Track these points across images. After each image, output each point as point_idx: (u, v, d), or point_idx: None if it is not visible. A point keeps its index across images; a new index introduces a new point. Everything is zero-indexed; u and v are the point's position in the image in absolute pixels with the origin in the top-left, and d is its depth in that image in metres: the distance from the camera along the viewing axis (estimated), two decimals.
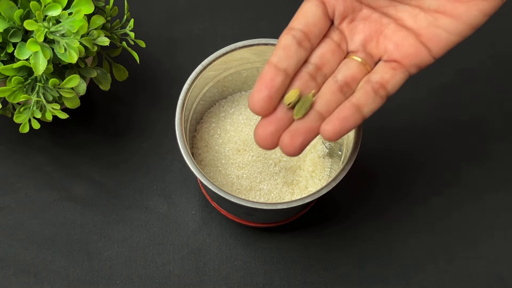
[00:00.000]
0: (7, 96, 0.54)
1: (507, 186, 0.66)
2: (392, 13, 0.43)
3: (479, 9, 0.42)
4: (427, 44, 0.43)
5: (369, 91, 0.43)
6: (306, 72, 0.43)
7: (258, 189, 0.60)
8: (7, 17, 0.54)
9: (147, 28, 0.71)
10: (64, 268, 0.61)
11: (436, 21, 0.42)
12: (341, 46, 0.44)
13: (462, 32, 0.43)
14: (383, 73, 0.43)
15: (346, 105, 0.42)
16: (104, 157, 0.66)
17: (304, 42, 0.42)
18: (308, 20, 0.42)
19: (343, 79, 0.43)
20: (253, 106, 0.41)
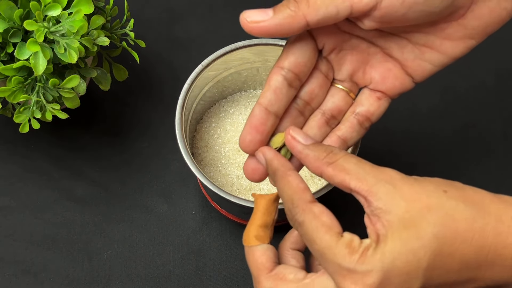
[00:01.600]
0: (7, 96, 0.54)
1: (506, 186, 0.66)
2: (380, 43, 0.44)
3: (466, 46, 0.43)
4: (411, 74, 0.45)
5: (354, 124, 0.46)
6: (295, 109, 0.44)
7: (258, 189, 0.59)
8: (7, 17, 0.54)
9: (147, 28, 0.71)
10: (64, 268, 0.61)
11: (423, 55, 0.43)
12: (328, 76, 0.45)
13: (446, 64, 0.44)
14: (369, 106, 0.45)
15: (333, 138, 0.45)
16: (104, 157, 0.66)
17: (294, 82, 0.43)
18: (298, 60, 0.42)
19: (330, 112, 0.45)
20: (244, 148, 0.43)
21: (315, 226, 0.40)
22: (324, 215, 0.40)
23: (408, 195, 0.38)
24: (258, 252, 0.43)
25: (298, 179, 0.41)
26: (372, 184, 0.39)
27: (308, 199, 0.40)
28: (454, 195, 0.39)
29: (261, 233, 0.44)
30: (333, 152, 0.41)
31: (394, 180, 0.39)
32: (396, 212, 0.38)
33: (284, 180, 0.42)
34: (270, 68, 0.60)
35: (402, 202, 0.38)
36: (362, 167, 0.40)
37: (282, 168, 0.42)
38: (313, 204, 0.40)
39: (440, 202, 0.38)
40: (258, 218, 0.44)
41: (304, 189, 0.41)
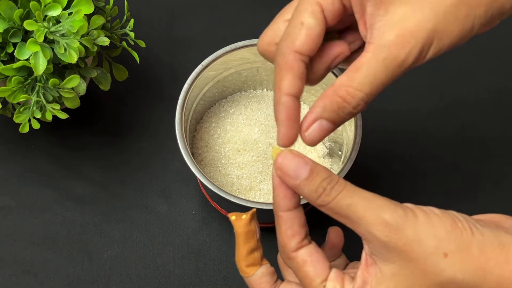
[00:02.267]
0: (7, 96, 0.54)
1: (506, 185, 0.66)
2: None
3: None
4: None
5: None
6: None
7: (258, 189, 0.60)
8: (7, 17, 0.54)
9: (147, 28, 0.71)
10: (64, 268, 0.61)
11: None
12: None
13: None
14: None
15: None
16: (104, 157, 0.66)
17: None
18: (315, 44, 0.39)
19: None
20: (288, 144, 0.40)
21: (300, 276, 0.40)
22: (307, 264, 0.39)
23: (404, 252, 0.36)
24: (255, 281, 0.44)
25: (288, 223, 0.40)
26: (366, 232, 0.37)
27: (292, 248, 0.40)
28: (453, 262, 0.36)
29: (250, 261, 0.44)
30: (325, 192, 0.38)
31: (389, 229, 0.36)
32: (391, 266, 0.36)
33: (277, 220, 0.41)
34: (271, 69, 0.60)
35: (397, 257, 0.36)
36: (354, 212, 0.37)
37: (275, 208, 0.41)
38: (297, 253, 0.40)
39: (436, 270, 0.36)
40: (241, 248, 0.44)
41: (290, 236, 0.40)
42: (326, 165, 0.61)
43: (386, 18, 0.37)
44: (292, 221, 0.40)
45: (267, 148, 0.61)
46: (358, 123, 0.55)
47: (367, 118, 0.56)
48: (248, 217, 0.44)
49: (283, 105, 0.39)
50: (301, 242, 0.40)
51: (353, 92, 0.38)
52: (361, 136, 0.54)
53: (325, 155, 0.62)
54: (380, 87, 0.38)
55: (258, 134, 0.61)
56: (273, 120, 0.62)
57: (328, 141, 0.62)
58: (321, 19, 0.39)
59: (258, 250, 0.44)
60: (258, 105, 0.63)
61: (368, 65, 0.37)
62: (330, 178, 0.38)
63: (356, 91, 0.38)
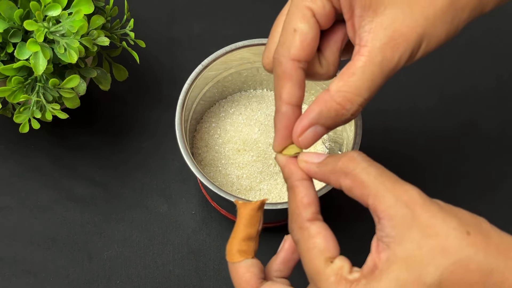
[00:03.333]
0: (7, 96, 0.54)
1: (506, 185, 0.66)
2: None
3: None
4: None
5: None
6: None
7: (258, 189, 0.60)
8: (7, 17, 0.54)
9: (147, 28, 0.71)
10: (64, 268, 0.61)
11: None
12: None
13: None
14: None
15: None
16: (104, 157, 0.66)
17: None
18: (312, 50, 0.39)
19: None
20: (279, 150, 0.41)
21: (307, 247, 0.38)
22: (320, 236, 0.38)
23: (426, 227, 0.35)
24: (242, 268, 0.41)
25: (303, 191, 0.39)
26: (391, 205, 0.35)
27: (307, 217, 0.38)
28: (476, 241, 0.34)
29: (244, 247, 0.41)
30: (351, 159, 0.38)
31: (415, 204, 0.35)
32: (407, 247, 0.35)
33: (291, 190, 0.40)
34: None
35: (417, 235, 0.34)
36: (382, 183, 0.36)
37: (291, 178, 0.40)
38: (311, 223, 0.38)
39: (458, 246, 0.34)
40: (240, 230, 0.41)
41: (306, 205, 0.38)
42: None
43: (377, 21, 0.37)
44: (308, 190, 0.39)
45: (267, 148, 0.61)
46: (358, 123, 0.55)
47: (367, 118, 0.56)
48: (258, 203, 0.42)
49: (283, 115, 0.40)
50: (316, 214, 0.39)
51: (352, 98, 0.37)
52: (361, 136, 0.54)
53: None
54: (376, 90, 0.38)
55: (258, 134, 0.61)
56: (273, 120, 0.62)
57: (328, 141, 0.62)
58: (314, 23, 0.38)
59: (255, 241, 0.42)
60: (258, 105, 0.63)
61: (365, 69, 0.37)
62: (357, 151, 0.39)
63: (355, 96, 0.37)
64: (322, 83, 0.59)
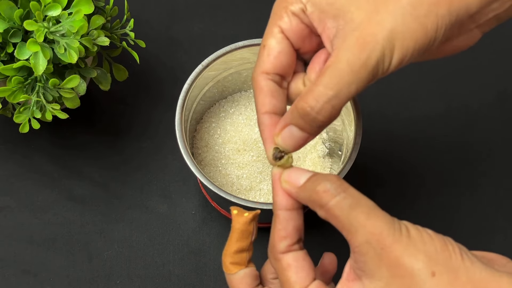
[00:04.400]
0: (7, 96, 0.54)
1: (506, 186, 0.66)
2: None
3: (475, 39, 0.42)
4: None
5: None
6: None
7: (258, 189, 0.60)
8: (7, 17, 0.54)
9: (147, 28, 0.71)
10: (64, 268, 0.61)
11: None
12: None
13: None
14: None
15: None
16: (104, 157, 0.66)
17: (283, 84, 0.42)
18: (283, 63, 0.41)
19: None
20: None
21: (282, 279, 0.40)
22: (291, 269, 0.39)
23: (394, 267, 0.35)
24: (236, 280, 0.43)
25: (283, 223, 0.40)
26: (362, 242, 0.36)
27: (280, 250, 0.40)
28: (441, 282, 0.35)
29: (237, 259, 0.43)
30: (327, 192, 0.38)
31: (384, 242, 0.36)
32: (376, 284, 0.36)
33: (273, 219, 0.41)
34: None
35: (386, 273, 0.36)
36: (355, 218, 0.37)
37: (274, 206, 0.41)
38: (283, 255, 0.40)
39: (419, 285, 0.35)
40: (232, 244, 0.43)
41: (282, 237, 0.40)
42: (326, 165, 0.61)
43: (346, 27, 0.38)
44: (287, 222, 0.40)
45: None
46: (358, 124, 0.55)
47: (367, 118, 0.56)
48: (250, 217, 0.43)
49: (262, 124, 0.41)
50: (291, 246, 0.40)
51: (317, 95, 0.38)
52: (361, 136, 0.54)
53: (325, 155, 0.62)
54: (347, 90, 0.37)
55: (258, 134, 0.61)
56: None
57: (328, 141, 0.62)
58: (281, 38, 0.40)
59: (248, 251, 0.44)
60: None
61: (332, 67, 0.37)
62: (332, 180, 0.38)
63: (321, 92, 0.37)
64: None
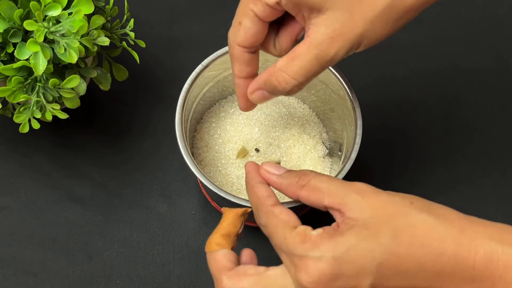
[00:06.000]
0: (7, 96, 0.54)
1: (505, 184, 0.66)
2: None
3: None
4: None
5: None
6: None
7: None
8: (7, 17, 0.54)
9: (147, 28, 0.71)
10: (64, 268, 0.61)
11: None
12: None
13: None
14: None
15: None
16: (104, 157, 0.66)
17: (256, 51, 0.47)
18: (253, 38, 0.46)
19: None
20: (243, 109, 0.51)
21: (274, 225, 0.43)
22: (283, 213, 0.43)
23: (375, 204, 0.41)
24: (219, 255, 0.45)
25: (263, 189, 0.46)
26: (343, 196, 0.42)
27: (270, 203, 0.44)
28: (419, 206, 0.41)
29: (222, 241, 0.46)
30: (304, 174, 0.45)
31: (362, 191, 0.42)
32: (363, 217, 0.40)
33: (251, 190, 0.46)
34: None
35: (369, 210, 0.40)
36: (333, 184, 0.43)
37: (252, 181, 0.47)
38: (274, 207, 0.44)
39: (403, 210, 0.40)
40: (222, 227, 0.47)
41: (267, 196, 0.45)
42: (326, 165, 0.61)
43: (321, 18, 0.42)
44: (267, 188, 0.46)
45: (267, 148, 0.61)
46: (358, 123, 0.55)
47: (367, 119, 0.56)
48: (242, 210, 0.48)
49: (237, 86, 0.49)
50: (277, 202, 0.45)
51: (287, 80, 0.44)
52: (361, 136, 0.54)
53: (325, 155, 0.62)
54: (311, 76, 0.44)
55: (258, 134, 0.61)
56: (273, 120, 0.62)
57: (328, 141, 0.62)
58: (256, 21, 0.45)
59: (233, 240, 0.46)
60: (258, 105, 0.63)
61: (303, 57, 0.43)
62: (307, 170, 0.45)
63: (290, 79, 0.44)
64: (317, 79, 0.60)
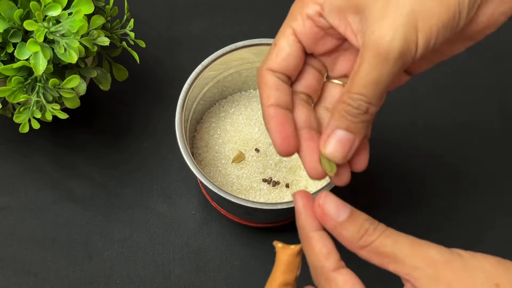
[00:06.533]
0: (7, 96, 0.54)
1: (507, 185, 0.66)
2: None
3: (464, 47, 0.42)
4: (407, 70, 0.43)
5: None
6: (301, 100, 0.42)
7: (258, 189, 0.60)
8: (7, 17, 0.54)
9: (147, 28, 0.71)
10: (64, 268, 0.61)
11: None
12: (322, 72, 0.43)
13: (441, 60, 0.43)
14: None
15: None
16: (104, 157, 0.66)
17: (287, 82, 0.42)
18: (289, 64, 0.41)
19: (331, 106, 0.43)
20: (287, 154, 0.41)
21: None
22: (348, 285, 0.37)
23: (453, 284, 0.35)
24: None
25: (321, 242, 0.39)
26: (412, 269, 0.36)
27: (331, 267, 0.38)
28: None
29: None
30: (367, 232, 0.38)
31: (436, 264, 0.36)
32: None
33: (307, 242, 0.39)
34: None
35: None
36: (399, 249, 0.37)
37: (305, 229, 0.39)
38: (337, 273, 0.38)
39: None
40: (278, 276, 0.41)
41: (327, 255, 0.38)
42: None
43: (369, 20, 0.37)
44: (325, 240, 0.39)
45: (267, 148, 0.61)
46: None
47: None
48: (297, 249, 0.41)
49: (268, 116, 0.40)
50: (339, 262, 0.38)
51: (358, 97, 0.38)
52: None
53: None
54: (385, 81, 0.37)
55: (258, 134, 0.61)
56: None
57: None
58: (292, 40, 0.40)
59: (293, 286, 0.41)
60: (258, 105, 0.63)
61: (364, 65, 0.37)
62: (371, 220, 0.38)
63: (359, 93, 0.38)
64: None
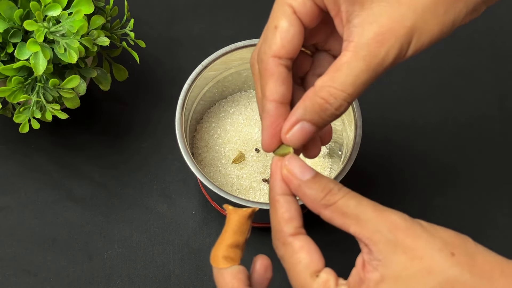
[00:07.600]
0: (7, 96, 0.54)
1: (506, 185, 0.66)
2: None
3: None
4: None
5: None
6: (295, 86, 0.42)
7: (258, 189, 0.60)
8: (7, 17, 0.54)
9: (147, 28, 0.71)
10: (64, 268, 0.61)
11: None
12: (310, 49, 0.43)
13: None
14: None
15: None
16: (104, 157, 0.66)
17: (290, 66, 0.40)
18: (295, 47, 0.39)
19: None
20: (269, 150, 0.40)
21: (292, 263, 0.38)
22: (304, 251, 0.38)
23: (410, 250, 0.35)
24: (229, 275, 0.39)
25: (284, 206, 0.39)
26: (373, 231, 0.36)
27: (289, 232, 0.38)
28: (461, 261, 0.35)
29: (231, 254, 0.40)
30: (331, 192, 0.38)
31: (397, 229, 0.36)
32: (394, 269, 0.35)
33: (272, 205, 0.39)
34: None
35: (403, 258, 0.35)
36: (362, 211, 0.37)
37: (272, 192, 0.39)
38: (294, 238, 0.38)
39: (443, 266, 0.35)
40: (228, 236, 0.40)
41: (288, 220, 0.38)
42: (326, 165, 0.61)
43: (364, 14, 0.36)
44: (289, 205, 0.39)
45: None
46: (358, 124, 0.55)
47: (367, 119, 0.56)
48: (249, 211, 0.41)
49: (268, 112, 0.39)
50: (299, 228, 0.38)
51: (335, 93, 0.37)
52: (361, 136, 0.54)
53: (325, 155, 0.62)
54: (362, 86, 0.37)
55: (258, 134, 0.61)
56: None
57: None
58: (295, 20, 0.38)
59: (241, 249, 0.41)
60: None
61: (349, 64, 0.36)
62: (336, 182, 0.38)
63: (338, 91, 0.37)
64: None
